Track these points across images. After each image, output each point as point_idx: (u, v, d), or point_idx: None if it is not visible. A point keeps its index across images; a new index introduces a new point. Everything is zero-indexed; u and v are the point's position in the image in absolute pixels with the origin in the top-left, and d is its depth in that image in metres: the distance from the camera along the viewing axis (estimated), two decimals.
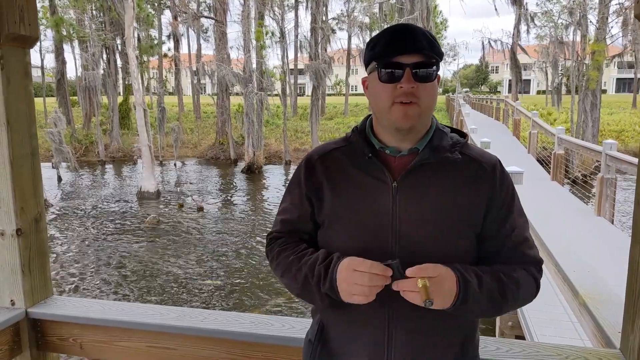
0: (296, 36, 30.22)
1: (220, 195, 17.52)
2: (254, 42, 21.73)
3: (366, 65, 1.18)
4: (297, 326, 1.59)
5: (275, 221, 1.32)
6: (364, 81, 1.21)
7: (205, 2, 29.75)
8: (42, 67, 33.30)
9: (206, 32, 32.67)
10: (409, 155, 1.16)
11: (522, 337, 3.99)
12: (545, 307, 4.00)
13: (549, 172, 10.27)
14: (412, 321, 1.12)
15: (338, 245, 1.15)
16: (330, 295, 1.11)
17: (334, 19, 32.66)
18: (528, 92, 62.34)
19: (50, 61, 31.65)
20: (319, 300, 1.15)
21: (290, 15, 31.44)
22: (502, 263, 1.15)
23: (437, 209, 1.12)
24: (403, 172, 1.14)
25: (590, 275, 2.31)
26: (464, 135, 1.23)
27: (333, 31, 31.50)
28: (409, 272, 1.02)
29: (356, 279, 1.04)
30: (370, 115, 1.25)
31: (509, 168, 6.97)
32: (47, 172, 19.80)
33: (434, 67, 1.12)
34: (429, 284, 1.00)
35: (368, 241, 1.13)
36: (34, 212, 1.80)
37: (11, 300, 1.77)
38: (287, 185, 1.31)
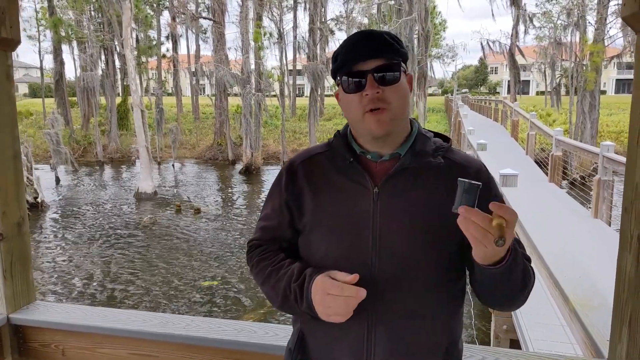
0: (294, 37, 30.17)
1: (218, 197, 17.50)
2: (252, 43, 21.73)
3: (333, 78, 1.17)
4: (280, 333, 1.57)
5: (256, 228, 1.30)
6: (336, 94, 1.20)
7: (203, 3, 29.73)
8: (41, 68, 33.30)
9: (205, 33, 32.62)
10: (390, 161, 1.14)
11: (517, 341, 3.97)
12: (540, 311, 3.97)
13: (546, 174, 10.25)
14: (393, 328, 1.10)
15: (318, 252, 1.14)
16: (309, 313, 1.09)
17: (332, 19, 32.67)
18: (527, 93, 62.29)
19: (49, 62, 31.59)
20: (300, 315, 1.15)
21: (288, 16, 31.40)
22: None
23: (419, 214, 1.10)
24: (384, 177, 1.12)
25: (583, 280, 2.28)
26: (447, 139, 1.21)
27: (332, 32, 31.51)
28: (492, 205, 0.93)
29: (329, 302, 1.03)
30: None
31: (504, 170, 6.97)
32: (45, 173, 19.77)
33: (398, 69, 1.10)
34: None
35: (348, 247, 1.11)
36: (17, 216, 1.78)
37: None
38: (264, 187, 1.29)
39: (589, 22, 22.05)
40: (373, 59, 1.08)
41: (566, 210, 7.37)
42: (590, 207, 7.28)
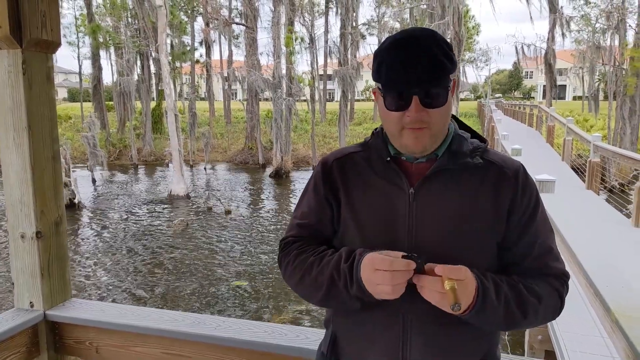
0: (326, 42, 30.29)
1: (248, 200, 17.66)
2: (283, 48, 21.91)
3: (373, 78, 1.10)
4: (311, 337, 1.55)
5: (290, 226, 1.25)
6: (374, 91, 1.15)
7: (236, 8, 30.17)
8: (79, 73, 34.33)
9: (237, 39, 33.13)
10: (427, 162, 1.12)
11: (552, 352, 3.84)
12: (578, 321, 3.83)
13: (584, 181, 9.95)
14: (429, 333, 1.07)
15: None
16: (360, 296, 1.05)
17: (364, 24, 32.67)
18: (563, 98, 60.66)
19: (87, 67, 32.64)
20: (348, 302, 1.08)
21: (320, 21, 31.54)
22: (525, 275, 1.09)
23: (456, 216, 1.07)
24: (420, 178, 1.09)
25: (625, 290, 2.18)
26: (484, 140, 1.18)
27: (363, 37, 31.50)
28: (438, 269, 0.94)
29: (378, 279, 0.99)
30: None
31: (540, 176, 6.78)
32: (82, 174, 20.35)
33: (446, 93, 1.04)
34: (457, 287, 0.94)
35: (382, 248, 1.08)
36: (55, 216, 1.81)
37: (30, 303, 1.79)
38: (302, 190, 1.27)
39: (629, 26, 21.40)
40: (423, 83, 1.01)
41: (605, 218, 7.13)
42: (630, 216, 7.02)
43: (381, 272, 0.98)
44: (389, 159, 1.12)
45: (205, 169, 24.59)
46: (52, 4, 1.69)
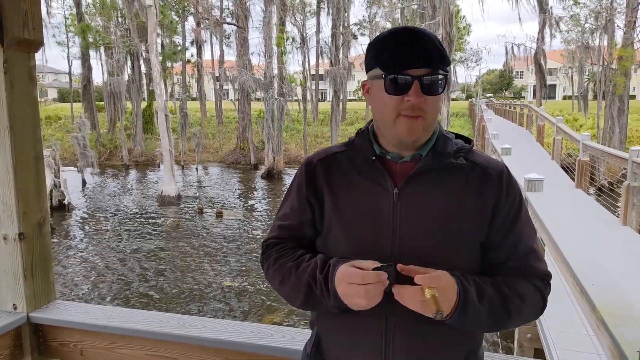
0: (317, 42, 30.27)
1: (240, 201, 17.61)
2: (275, 48, 21.88)
3: (368, 68, 1.12)
4: (297, 337, 1.54)
5: (272, 227, 1.27)
6: (364, 84, 1.15)
7: (227, 8, 30.10)
8: (69, 73, 34.11)
9: (228, 38, 33.05)
10: (411, 161, 1.12)
11: (541, 350, 3.86)
12: (566, 319, 3.86)
13: (573, 180, 10.03)
14: (412, 334, 1.07)
15: (336, 252, 1.11)
16: (337, 306, 1.05)
17: (355, 24, 32.72)
18: (553, 97, 61.04)
19: (77, 67, 32.38)
20: (327, 308, 1.09)
21: (311, 21, 31.56)
22: (508, 275, 1.09)
23: (440, 216, 1.07)
24: (405, 178, 1.09)
25: (611, 288, 2.20)
26: (469, 141, 1.18)
27: (354, 37, 31.55)
28: (418, 279, 0.96)
29: (353, 292, 1.00)
30: (372, 120, 1.20)
31: (529, 175, 6.83)
32: (72, 175, 20.20)
33: (443, 80, 1.06)
34: (438, 294, 0.94)
35: (366, 248, 1.08)
36: (37, 217, 1.79)
37: (13, 305, 1.76)
38: (285, 191, 1.27)
39: (618, 26, 21.60)
40: (424, 67, 1.04)
41: (594, 216, 7.19)
42: (619, 214, 7.08)
43: (355, 286, 0.99)
44: (374, 158, 1.12)
45: (196, 169, 24.51)
46: (34, 3, 1.67)
